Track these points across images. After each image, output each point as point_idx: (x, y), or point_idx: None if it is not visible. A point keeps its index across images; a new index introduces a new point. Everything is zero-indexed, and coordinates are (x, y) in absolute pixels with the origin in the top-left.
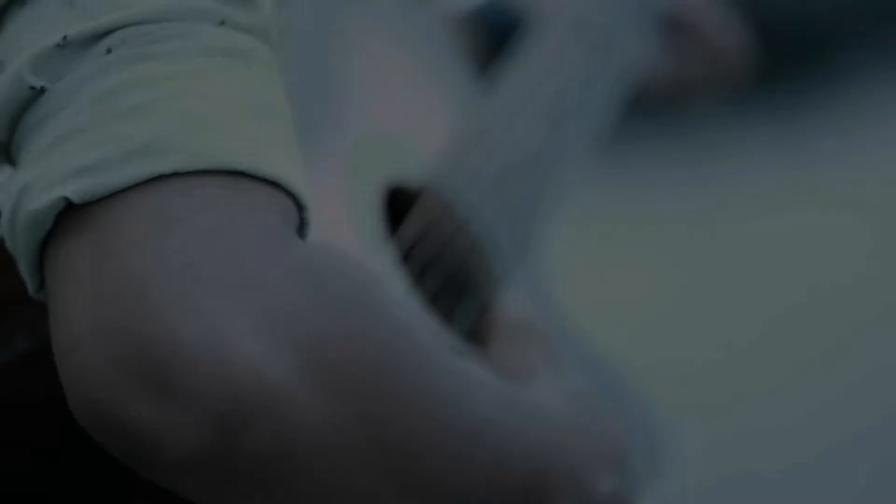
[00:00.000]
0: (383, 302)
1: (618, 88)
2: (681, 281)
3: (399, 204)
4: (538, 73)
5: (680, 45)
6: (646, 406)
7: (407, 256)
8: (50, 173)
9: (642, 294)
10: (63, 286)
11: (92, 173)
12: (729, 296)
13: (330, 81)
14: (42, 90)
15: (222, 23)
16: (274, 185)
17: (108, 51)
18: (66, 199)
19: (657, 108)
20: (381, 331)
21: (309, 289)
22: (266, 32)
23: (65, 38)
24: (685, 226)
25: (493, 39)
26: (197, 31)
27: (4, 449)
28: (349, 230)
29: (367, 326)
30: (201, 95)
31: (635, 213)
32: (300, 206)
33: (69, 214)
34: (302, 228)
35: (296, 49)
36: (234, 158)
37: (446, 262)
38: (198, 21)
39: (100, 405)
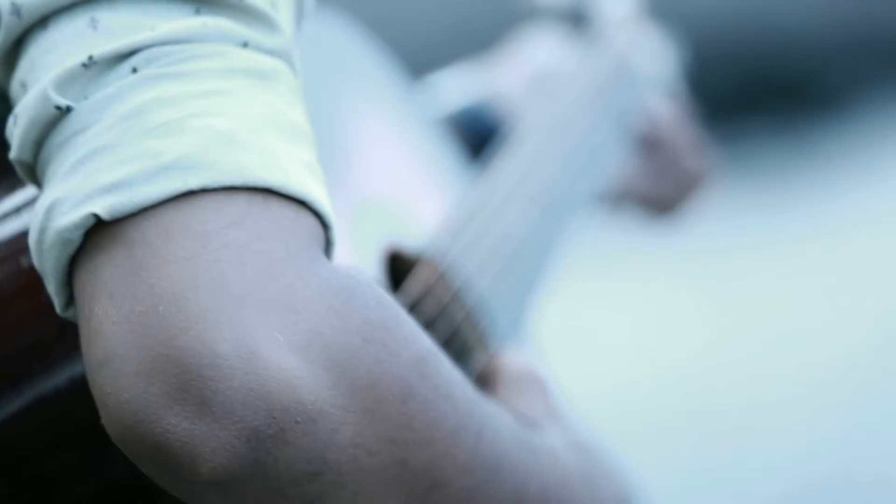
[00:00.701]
0: (410, 328)
1: (598, 189)
2: (666, 345)
3: (396, 269)
4: (525, 166)
5: (653, 162)
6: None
7: None
8: (78, 190)
9: (627, 363)
10: (94, 302)
11: (121, 189)
12: (713, 358)
13: (333, 146)
14: (68, 109)
15: (245, 44)
16: (300, 203)
17: (134, 70)
18: (96, 215)
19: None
20: (409, 355)
21: (340, 309)
22: (289, 55)
23: (90, 57)
24: (670, 288)
25: (472, 142)
26: (221, 53)
27: None
28: None
29: (397, 350)
30: (228, 114)
31: (623, 278)
32: (325, 226)
33: (98, 231)
34: (328, 247)
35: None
36: (262, 175)
37: (441, 329)
38: (222, 42)
39: (133, 418)
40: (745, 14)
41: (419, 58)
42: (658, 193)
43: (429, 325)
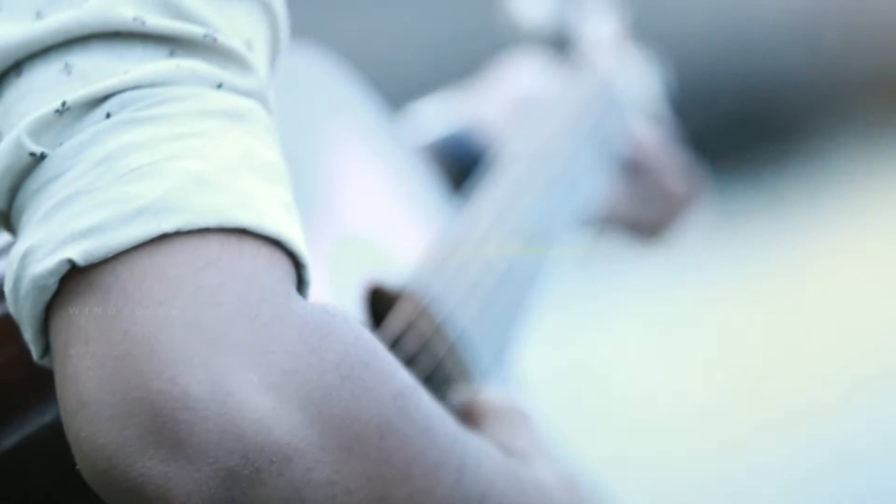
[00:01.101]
0: (388, 363)
1: (582, 215)
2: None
3: (378, 303)
4: (507, 196)
5: (638, 187)
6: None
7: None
8: (53, 236)
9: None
10: (69, 347)
11: (96, 235)
12: (700, 398)
13: (313, 182)
14: (42, 156)
15: (220, 86)
16: (275, 243)
17: (108, 115)
18: (71, 261)
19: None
20: (387, 391)
21: (316, 347)
22: (263, 95)
23: (64, 104)
24: (651, 326)
25: (456, 170)
26: (195, 95)
27: None
28: None
29: (374, 386)
30: (202, 155)
31: (605, 318)
32: (300, 265)
33: (74, 276)
34: (302, 286)
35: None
36: (236, 216)
37: (424, 362)
38: (196, 84)
39: (109, 462)
40: (728, 53)
41: (402, 85)
42: (643, 217)
43: (411, 359)
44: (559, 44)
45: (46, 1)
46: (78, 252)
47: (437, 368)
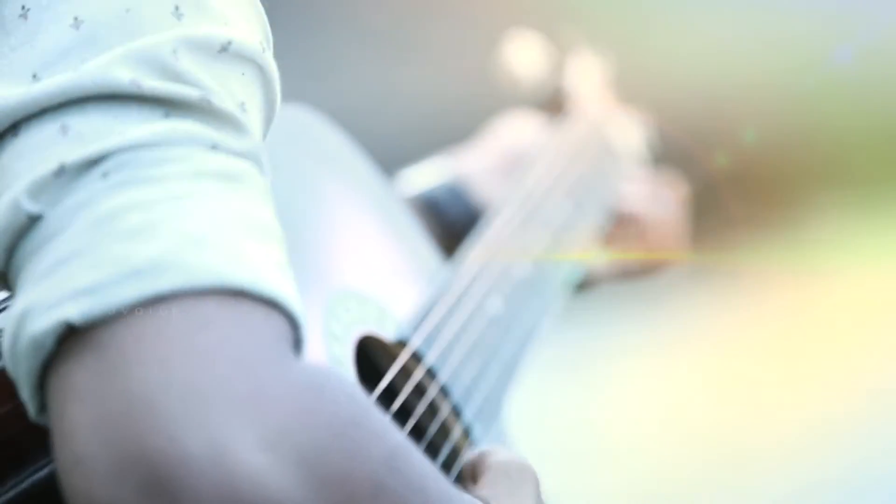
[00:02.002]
0: (380, 423)
1: (568, 266)
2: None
3: (372, 356)
4: (496, 248)
5: (622, 238)
6: None
7: (380, 404)
8: (50, 296)
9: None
10: (66, 406)
11: (93, 295)
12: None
13: (307, 236)
14: (39, 216)
15: (214, 147)
16: (271, 303)
17: (104, 175)
18: (68, 320)
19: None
20: (380, 450)
21: (310, 406)
22: (257, 156)
23: (61, 164)
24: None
25: (443, 222)
26: (190, 156)
27: None
28: None
29: (367, 445)
30: (197, 216)
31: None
32: (295, 325)
33: (71, 336)
34: (297, 345)
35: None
36: (232, 277)
37: (419, 409)
38: (191, 146)
39: None
40: (711, 112)
41: (396, 151)
42: (628, 266)
43: (407, 406)
44: (551, 104)
45: (43, 63)
46: (75, 311)
47: (431, 413)
